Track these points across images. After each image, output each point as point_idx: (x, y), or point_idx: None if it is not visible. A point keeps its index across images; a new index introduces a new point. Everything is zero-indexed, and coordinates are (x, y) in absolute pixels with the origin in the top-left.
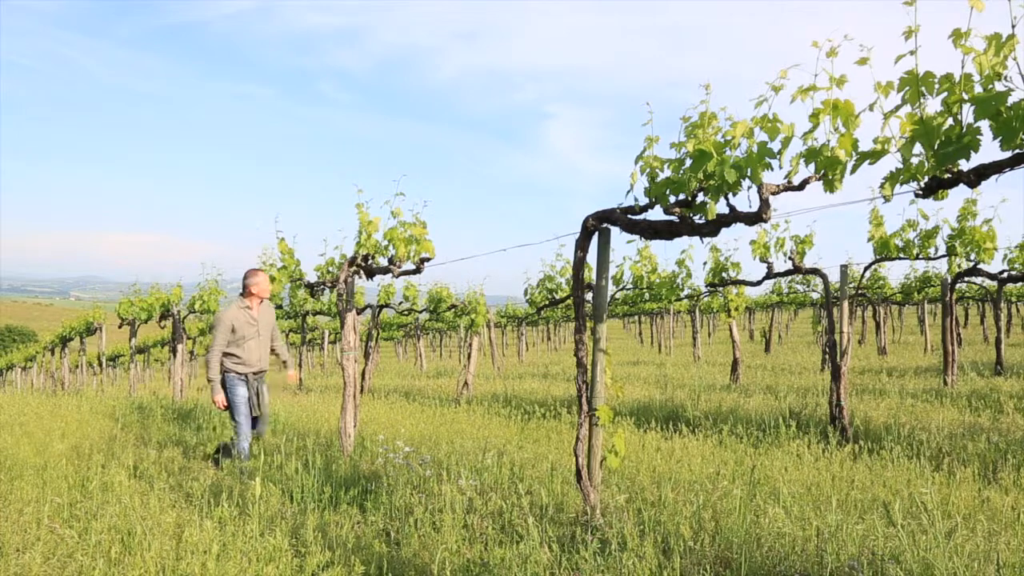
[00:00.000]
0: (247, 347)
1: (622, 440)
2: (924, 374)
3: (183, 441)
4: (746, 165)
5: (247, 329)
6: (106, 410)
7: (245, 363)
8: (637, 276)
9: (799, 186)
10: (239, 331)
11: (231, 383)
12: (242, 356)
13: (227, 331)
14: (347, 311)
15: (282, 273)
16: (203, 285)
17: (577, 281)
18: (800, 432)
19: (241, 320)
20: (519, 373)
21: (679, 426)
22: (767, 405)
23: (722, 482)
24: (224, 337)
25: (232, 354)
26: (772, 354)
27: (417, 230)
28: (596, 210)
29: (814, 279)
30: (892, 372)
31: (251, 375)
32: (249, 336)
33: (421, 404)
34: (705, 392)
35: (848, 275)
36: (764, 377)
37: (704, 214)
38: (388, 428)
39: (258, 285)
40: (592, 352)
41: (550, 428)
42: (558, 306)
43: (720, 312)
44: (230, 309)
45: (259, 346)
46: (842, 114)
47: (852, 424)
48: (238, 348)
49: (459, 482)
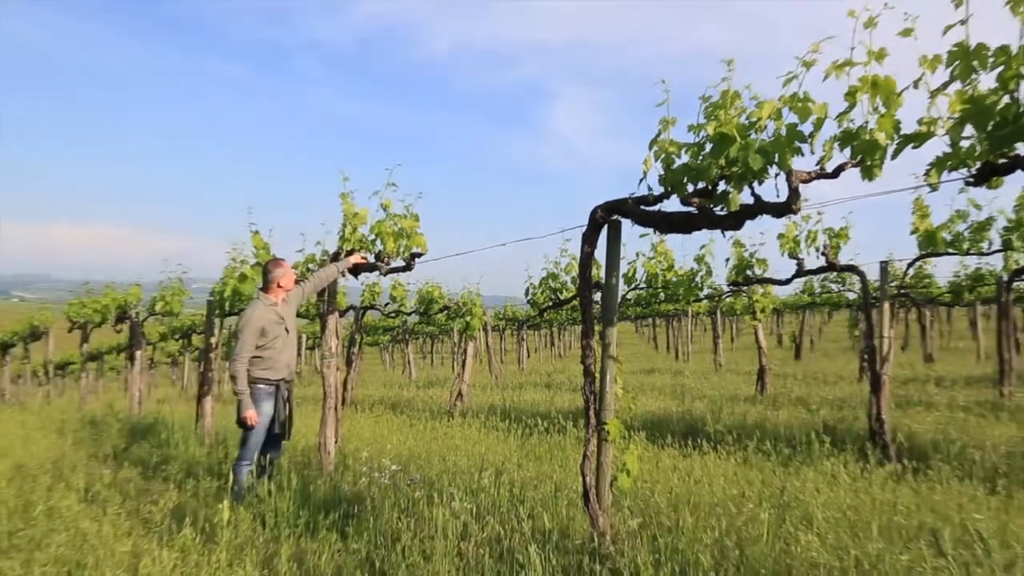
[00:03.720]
0: (276, 349)
1: (634, 458)
2: (976, 384)
3: (142, 459)
4: (773, 150)
5: (275, 329)
6: (54, 425)
7: (274, 368)
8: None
9: (833, 173)
10: (268, 332)
11: (256, 395)
12: (271, 361)
13: (256, 334)
14: (328, 313)
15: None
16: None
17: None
18: (835, 449)
19: (269, 319)
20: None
21: (699, 442)
22: (798, 419)
23: (747, 505)
24: (252, 341)
25: (259, 358)
26: (803, 361)
27: (408, 223)
28: (605, 200)
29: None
30: (940, 382)
31: (282, 383)
32: (278, 336)
33: (410, 417)
34: (728, 404)
35: (889, 273)
36: (794, 387)
37: (726, 205)
38: (373, 444)
39: (286, 276)
40: (601, 359)
41: (554, 444)
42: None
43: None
44: (257, 308)
45: (288, 347)
46: (882, 92)
47: (895, 440)
48: (267, 351)
49: (452, 505)
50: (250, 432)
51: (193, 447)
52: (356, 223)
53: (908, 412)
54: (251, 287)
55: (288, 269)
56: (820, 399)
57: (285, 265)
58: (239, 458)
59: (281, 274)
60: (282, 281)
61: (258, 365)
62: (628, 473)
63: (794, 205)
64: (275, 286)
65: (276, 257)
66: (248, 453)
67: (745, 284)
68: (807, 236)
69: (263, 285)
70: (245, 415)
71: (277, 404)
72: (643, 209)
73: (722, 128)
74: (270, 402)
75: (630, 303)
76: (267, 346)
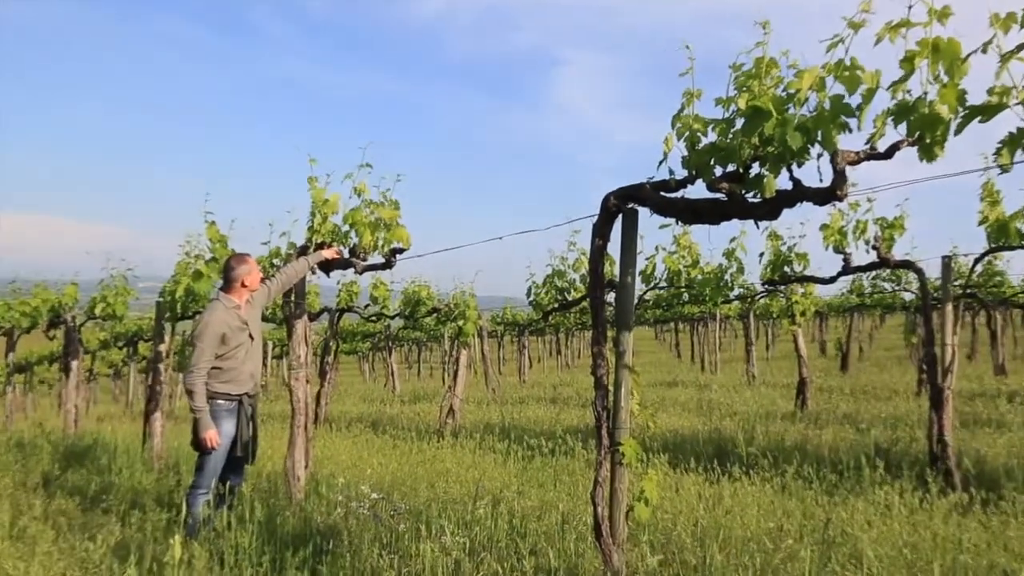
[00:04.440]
0: (239, 359)
1: (654, 484)
2: None
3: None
4: (815, 126)
5: (239, 335)
6: None
7: (236, 381)
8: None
9: (886, 153)
10: (230, 340)
11: (215, 413)
12: (233, 372)
13: (215, 341)
14: (297, 317)
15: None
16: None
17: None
18: (889, 476)
19: (231, 324)
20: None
21: (728, 466)
22: (845, 440)
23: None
24: (212, 350)
25: (219, 369)
26: (851, 373)
27: (387, 213)
28: (620, 186)
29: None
30: (1013, 397)
31: (245, 398)
32: (241, 344)
33: (393, 437)
34: (762, 422)
35: (953, 269)
36: (840, 402)
37: (760, 190)
38: (350, 469)
39: (251, 275)
40: (615, 369)
41: (560, 468)
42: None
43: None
44: (216, 311)
45: (252, 356)
46: (945, 57)
47: (960, 466)
48: (228, 361)
49: (442, 539)
50: (208, 456)
51: (139, 473)
52: (327, 211)
53: (976, 433)
54: (208, 286)
55: (254, 266)
56: (871, 417)
57: (250, 261)
58: (194, 485)
59: (246, 271)
60: (247, 280)
61: (218, 377)
62: (647, 502)
63: (839, 190)
64: (238, 285)
65: (240, 252)
66: (205, 480)
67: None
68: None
69: (224, 284)
70: (204, 436)
71: (240, 422)
72: (663, 196)
73: (756, 101)
74: (232, 420)
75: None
76: (228, 355)
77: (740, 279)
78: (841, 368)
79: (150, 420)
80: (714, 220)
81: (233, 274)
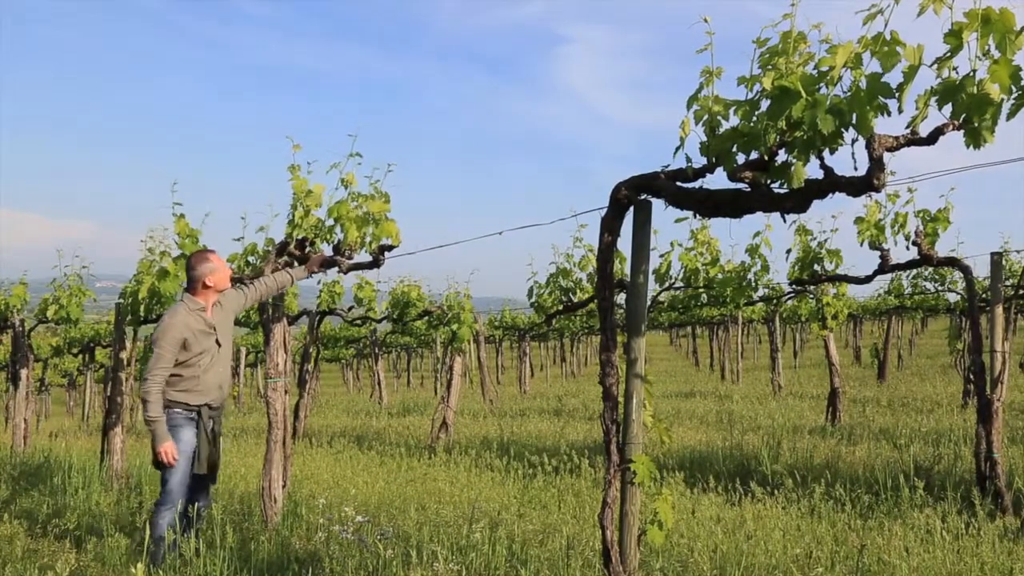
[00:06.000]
0: (202, 367)
1: (668, 505)
2: None
3: (28, 512)
4: (850, 108)
5: (203, 341)
6: None
7: (199, 391)
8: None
9: (928, 138)
10: (193, 345)
11: (173, 422)
12: (193, 381)
13: (176, 346)
14: (274, 321)
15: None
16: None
17: (604, 277)
18: (931, 497)
19: (194, 328)
20: (521, 408)
21: (751, 486)
22: (881, 457)
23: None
24: (171, 355)
25: (179, 376)
26: (888, 383)
27: (376, 206)
28: (632, 175)
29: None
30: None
31: (205, 409)
32: (206, 351)
33: (380, 454)
34: (789, 437)
35: (1003, 268)
36: (877, 415)
37: (787, 180)
38: (333, 488)
39: (216, 273)
40: (626, 379)
41: (565, 488)
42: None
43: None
44: (178, 314)
45: (219, 364)
46: (996, 30)
47: (1011, 487)
48: (190, 369)
49: (435, 566)
50: (170, 471)
51: (97, 494)
52: (310, 204)
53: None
54: (175, 286)
55: (219, 263)
56: (910, 432)
57: (214, 258)
58: (158, 504)
59: (209, 270)
60: (210, 279)
61: (175, 385)
62: (660, 525)
63: (876, 180)
64: (200, 287)
65: (203, 248)
66: (170, 498)
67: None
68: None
69: (187, 284)
70: (160, 449)
71: (199, 437)
72: (680, 186)
73: (783, 81)
74: (191, 429)
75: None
76: (190, 362)
77: (765, 278)
78: (878, 377)
79: (109, 435)
80: (736, 213)
81: (193, 273)
